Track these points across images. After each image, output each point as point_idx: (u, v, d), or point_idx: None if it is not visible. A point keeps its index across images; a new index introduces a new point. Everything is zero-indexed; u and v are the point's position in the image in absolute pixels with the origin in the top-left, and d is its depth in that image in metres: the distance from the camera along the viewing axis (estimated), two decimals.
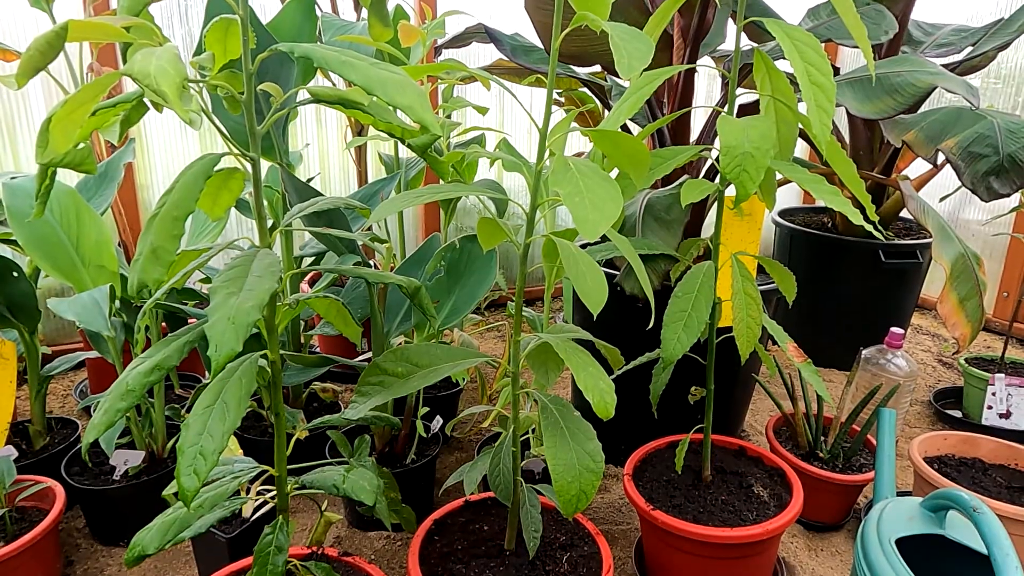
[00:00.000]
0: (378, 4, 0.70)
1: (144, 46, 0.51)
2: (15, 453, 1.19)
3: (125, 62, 0.67)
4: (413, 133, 0.70)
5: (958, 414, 1.75)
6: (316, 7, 1.26)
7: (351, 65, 0.56)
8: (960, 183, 1.27)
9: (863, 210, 0.89)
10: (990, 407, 1.62)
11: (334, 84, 1.69)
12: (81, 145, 0.58)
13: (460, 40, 1.70)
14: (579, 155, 2.36)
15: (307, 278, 1.79)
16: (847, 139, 2.03)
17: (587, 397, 0.75)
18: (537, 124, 0.75)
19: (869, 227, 0.89)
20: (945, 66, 1.82)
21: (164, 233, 0.54)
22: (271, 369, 0.77)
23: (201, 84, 0.63)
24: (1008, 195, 1.24)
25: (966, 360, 1.76)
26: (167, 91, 0.44)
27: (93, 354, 1.32)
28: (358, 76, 0.56)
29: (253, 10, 0.81)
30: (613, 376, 0.83)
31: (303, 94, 0.67)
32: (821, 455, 1.31)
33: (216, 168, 0.64)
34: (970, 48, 1.84)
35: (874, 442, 1.25)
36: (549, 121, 0.77)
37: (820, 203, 0.86)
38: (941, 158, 1.39)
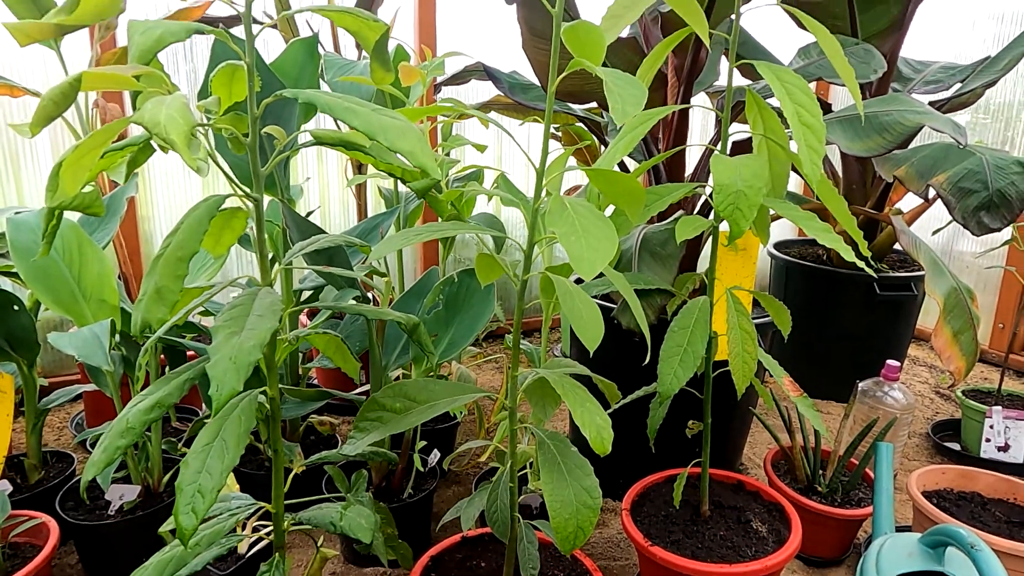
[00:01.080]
0: (380, 48, 0.72)
1: (154, 94, 0.53)
2: (9, 487, 1.18)
3: (133, 103, 0.69)
4: (413, 175, 0.72)
5: (956, 447, 1.74)
6: (319, 47, 1.29)
7: (353, 112, 0.58)
8: (952, 218, 1.30)
9: (855, 246, 0.90)
10: (988, 440, 1.62)
11: (336, 124, 1.72)
12: (88, 188, 0.59)
13: (459, 78, 1.74)
14: (576, 188, 2.38)
15: (306, 310, 1.80)
16: (840, 173, 2.06)
17: (584, 433, 0.75)
18: (534, 164, 0.77)
19: (861, 263, 0.91)
20: (933, 103, 1.86)
21: (169, 274, 0.55)
22: (270, 405, 0.77)
23: (207, 127, 0.65)
24: (999, 229, 1.26)
25: (963, 392, 1.77)
26: (176, 140, 0.45)
27: (91, 387, 1.32)
28: (360, 122, 0.57)
29: (258, 52, 0.83)
30: (610, 410, 0.84)
31: (306, 136, 0.69)
32: (820, 489, 1.31)
33: (220, 207, 0.66)
34: (958, 85, 1.88)
35: (872, 476, 1.25)
36: (546, 160, 0.78)
37: None
38: (932, 193, 1.41)
